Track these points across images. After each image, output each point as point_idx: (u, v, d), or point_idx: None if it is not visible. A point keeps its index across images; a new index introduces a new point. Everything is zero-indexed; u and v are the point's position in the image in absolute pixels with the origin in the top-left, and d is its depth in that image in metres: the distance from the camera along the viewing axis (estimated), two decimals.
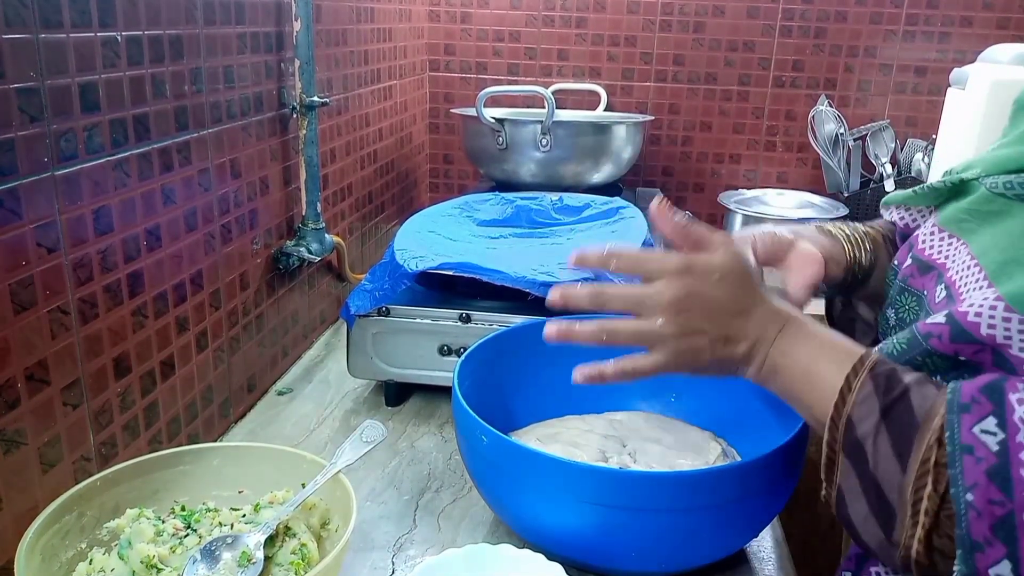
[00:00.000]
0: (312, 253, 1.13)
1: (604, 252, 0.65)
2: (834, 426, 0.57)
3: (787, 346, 0.62)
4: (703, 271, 0.62)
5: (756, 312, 0.63)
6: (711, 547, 0.72)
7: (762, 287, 0.65)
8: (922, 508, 0.52)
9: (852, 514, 0.57)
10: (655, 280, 0.63)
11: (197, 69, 0.86)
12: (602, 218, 1.25)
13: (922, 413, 0.54)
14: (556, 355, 0.92)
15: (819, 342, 0.62)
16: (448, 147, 1.98)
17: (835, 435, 0.57)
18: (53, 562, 0.64)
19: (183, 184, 0.85)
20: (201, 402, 0.93)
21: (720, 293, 0.62)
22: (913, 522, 0.52)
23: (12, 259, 0.62)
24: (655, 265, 0.63)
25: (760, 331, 0.63)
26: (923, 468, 0.52)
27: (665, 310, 0.62)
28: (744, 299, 0.63)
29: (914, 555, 0.53)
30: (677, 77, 1.88)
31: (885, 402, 0.55)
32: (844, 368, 0.58)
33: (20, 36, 0.61)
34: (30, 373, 0.65)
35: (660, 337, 0.63)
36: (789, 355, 0.62)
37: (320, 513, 0.72)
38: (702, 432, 0.88)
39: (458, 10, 1.87)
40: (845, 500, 0.58)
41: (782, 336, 0.62)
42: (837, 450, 0.57)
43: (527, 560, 0.68)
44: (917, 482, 0.52)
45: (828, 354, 0.61)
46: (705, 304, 0.62)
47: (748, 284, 0.64)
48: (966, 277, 0.63)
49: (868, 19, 1.81)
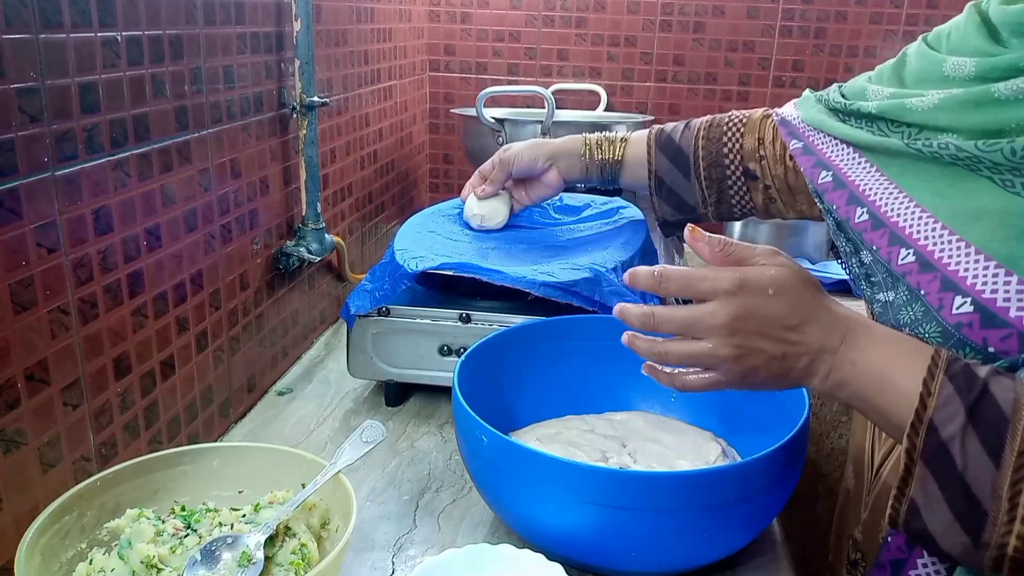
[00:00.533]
0: (312, 253, 1.13)
1: (655, 273, 0.63)
2: (914, 433, 0.56)
3: (855, 355, 0.60)
4: (756, 286, 0.60)
5: (815, 323, 0.61)
6: (711, 547, 0.72)
7: (821, 294, 0.63)
8: (1021, 501, 0.52)
9: (930, 524, 0.56)
10: (708, 300, 0.61)
11: (197, 69, 0.86)
12: (602, 218, 1.25)
13: (1008, 406, 0.54)
14: (556, 355, 0.93)
15: (887, 348, 0.60)
16: (448, 147, 1.98)
17: (915, 442, 0.56)
18: (53, 562, 0.64)
19: (183, 184, 0.85)
20: (201, 402, 0.93)
21: (776, 308, 0.60)
22: (1009, 518, 0.52)
23: (12, 259, 0.62)
24: (707, 285, 0.61)
25: (821, 341, 0.61)
26: (1019, 461, 0.52)
27: (719, 332, 0.60)
28: (802, 310, 0.61)
29: (1010, 551, 0.53)
30: (677, 77, 1.88)
31: (969, 401, 0.55)
32: (918, 372, 0.57)
33: (20, 36, 0.61)
34: (30, 373, 0.65)
35: (715, 359, 0.61)
36: (858, 364, 0.60)
37: (320, 513, 0.72)
38: (702, 432, 0.88)
39: (458, 10, 1.87)
40: (920, 511, 0.56)
41: (847, 346, 0.61)
42: (915, 458, 0.56)
43: (527, 560, 0.68)
44: (1014, 475, 0.52)
45: (899, 359, 0.59)
46: (761, 322, 0.60)
47: (805, 294, 0.61)
48: (940, 243, 0.63)
49: (868, 19, 1.81)
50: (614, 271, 0.98)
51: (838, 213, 0.75)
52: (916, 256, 0.65)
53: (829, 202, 0.77)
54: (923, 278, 0.64)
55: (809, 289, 0.62)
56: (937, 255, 0.64)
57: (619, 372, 0.93)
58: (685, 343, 0.62)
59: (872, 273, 0.72)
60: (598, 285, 0.95)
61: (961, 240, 0.62)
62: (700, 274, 0.62)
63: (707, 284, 0.61)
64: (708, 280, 0.61)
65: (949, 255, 0.63)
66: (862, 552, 0.76)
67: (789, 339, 0.60)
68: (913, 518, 0.57)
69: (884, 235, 0.69)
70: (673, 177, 1.02)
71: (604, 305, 0.94)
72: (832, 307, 0.62)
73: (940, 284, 0.63)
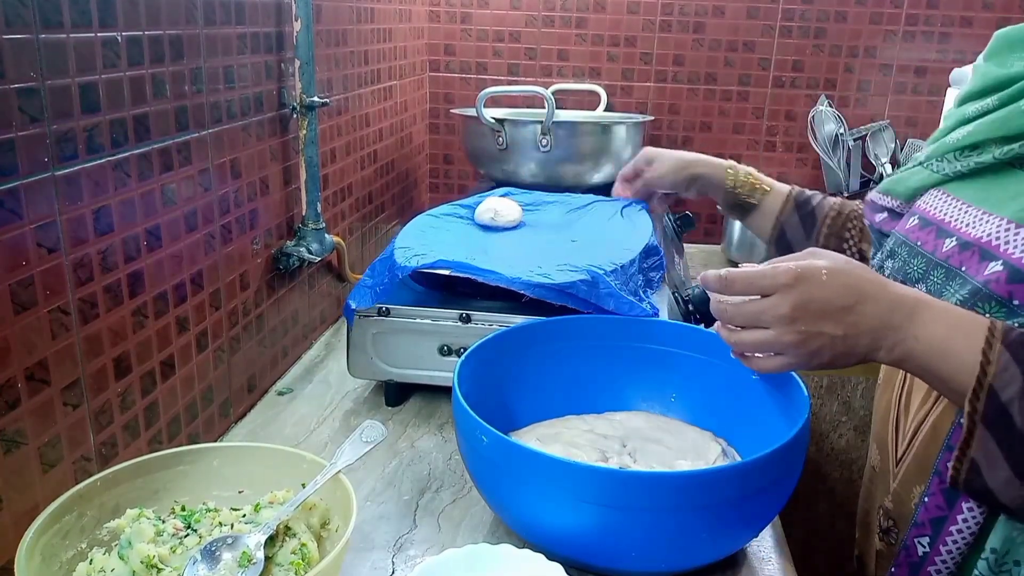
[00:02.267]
0: (312, 253, 1.13)
1: (722, 276, 0.72)
2: (975, 397, 0.63)
3: (918, 330, 0.67)
4: (811, 275, 0.68)
5: (872, 302, 0.67)
6: (711, 547, 0.72)
7: (873, 275, 0.70)
8: None
9: (990, 481, 0.64)
10: (770, 295, 0.69)
11: (197, 69, 0.86)
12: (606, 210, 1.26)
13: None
14: (556, 355, 0.93)
15: (947, 321, 0.67)
16: (448, 147, 1.98)
17: (976, 405, 0.63)
18: (53, 562, 0.64)
19: (183, 184, 0.85)
20: (201, 402, 0.93)
21: (830, 292, 0.67)
22: None
23: (12, 259, 0.62)
24: (768, 282, 0.69)
25: (883, 319, 0.67)
26: None
27: (782, 321, 0.68)
28: (856, 291, 0.68)
29: None
30: (677, 77, 1.88)
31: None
32: (977, 342, 0.64)
33: (20, 36, 0.61)
34: (30, 373, 0.65)
35: (782, 346, 0.70)
36: (922, 339, 0.66)
37: (320, 513, 0.72)
38: (702, 432, 0.88)
39: (458, 10, 1.87)
40: (981, 470, 0.64)
41: (911, 322, 0.67)
42: (976, 421, 0.63)
43: (527, 560, 0.68)
44: None
45: (959, 331, 0.66)
46: (819, 307, 0.67)
47: (857, 276, 0.69)
48: (987, 227, 0.72)
49: (868, 19, 1.81)
50: (612, 274, 0.98)
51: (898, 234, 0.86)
52: (957, 240, 0.75)
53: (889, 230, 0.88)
54: (964, 256, 0.72)
55: (859, 271, 0.69)
56: (975, 235, 0.73)
57: (619, 372, 0.93)
58: (754, 332, 0.72)
59: (908, 268, 0.81)
60: (595, 287, 0.95)
61: (1000, 218, 0.71)
62: (760, 272, 0.70)
63: (767, 281, 0.69)
64: (768, 277, 0.69)
65: (987, 232, 0.71)
66: (893, 519, 0.81)
67: (848, 320, 0.67)
68: (974, 476, 0.64)
69: (931, 232, 0.79)
70: (795, 233, 1.15)
71: (600, 308, 0.94)
72: (889, 286, 0.69)
73: (979, 256, 0.71)
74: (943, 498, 0.74)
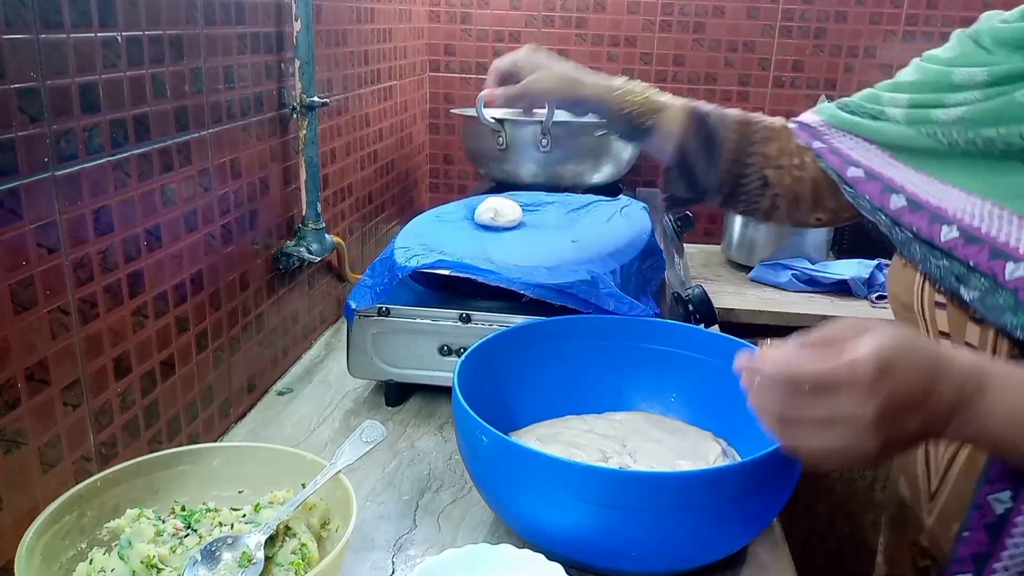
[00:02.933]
0: (312, 253, 1.13)
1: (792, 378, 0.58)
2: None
3: (989, 405, 0.58)
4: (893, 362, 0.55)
5: (946, 380, 0.57)
6: (711, 547, 0.72)
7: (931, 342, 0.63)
8: None
9: None
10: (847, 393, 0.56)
11: (197, 69, 0.86)
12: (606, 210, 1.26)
13: None
14: (556, 355, 0.93)
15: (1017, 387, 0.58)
16: (448, 147, 1.98)
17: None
18: (53, 562, 0.64)
19: (183, 184, 0.85)
20: (201, 402, 0.93)
21: (912, 378, 0.56)
22: None
23: (12, 259, 0.62)
24: (845, 379, 0.55)
25: (956, 398, 0.58)
26: None
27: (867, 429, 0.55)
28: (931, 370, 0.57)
29: None
30: (677, 77, 1.88)
31: None
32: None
33: (20, 36, 0.61)
34: (30, 373, 0.65)
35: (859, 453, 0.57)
36: (994, 415, 0.58)
37: (320, 513, 0.72)
38: (702, 432, 0.88)
39: (458, 10, 1.87)
40: None
41: (981, 396, 0.58)
42: None
43: (527, 560, 0.68)
44: None
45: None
46: (903, 402, 0.56)
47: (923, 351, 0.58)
48: (987, 218, 0.67)
49: (868, 19, 1.81)
50: (612, 274, 0.98)
51: (872, 202, 0.78)
52: (960, 232, 0.69)
53: (861, 193, 0.80)
54: (970, 250, 0.67)
55: (922, 343, 0.59)
56: (984, 230, 0.67)
57: (619, 372, 0.93)
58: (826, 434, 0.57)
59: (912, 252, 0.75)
60: (595, 287, 0.95)
61: (1013, 213, 0.66)
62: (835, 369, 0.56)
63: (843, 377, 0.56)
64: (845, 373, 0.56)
65: (998, 228, 0.66)
66: (933, 557, 0.77)
67: (927, 408, 0.57)
68: None
69: (923, 216, 0.73)
70: (696, 159, 1.00)
71: (600, 308, 0.94)
72: (954, 356, 0.59)
73: (989, 254, 0.66)
74: (986, 533, 0.68)
